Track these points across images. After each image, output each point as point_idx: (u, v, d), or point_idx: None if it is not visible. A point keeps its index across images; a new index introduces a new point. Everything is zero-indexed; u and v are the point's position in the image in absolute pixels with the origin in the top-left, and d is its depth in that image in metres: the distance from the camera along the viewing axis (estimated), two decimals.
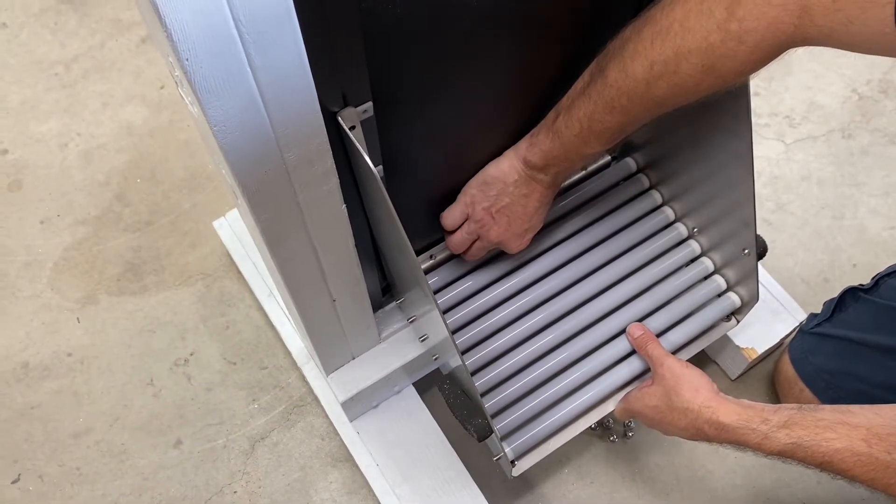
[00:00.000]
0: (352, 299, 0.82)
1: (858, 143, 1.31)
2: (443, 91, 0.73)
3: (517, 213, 0.86)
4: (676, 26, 0.65)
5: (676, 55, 0.65)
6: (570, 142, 0.77)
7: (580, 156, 0.79)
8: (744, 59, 0.63)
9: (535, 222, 0.89)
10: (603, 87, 0.72)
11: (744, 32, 0.62)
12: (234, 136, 0.52)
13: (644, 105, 0.71)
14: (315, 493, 1.04)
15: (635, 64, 0.68)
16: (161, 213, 1.25)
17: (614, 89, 0.71)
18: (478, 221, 0.87)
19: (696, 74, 0.66)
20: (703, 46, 0.64)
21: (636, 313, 0.96)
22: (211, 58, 0.46)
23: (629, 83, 0.69)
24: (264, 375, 1.13)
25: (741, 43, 0.62)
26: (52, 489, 1.05)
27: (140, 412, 1.10)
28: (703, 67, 0.65)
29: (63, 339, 1.16)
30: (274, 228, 0.64)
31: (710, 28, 0.63)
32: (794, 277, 1.19)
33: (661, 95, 0.69)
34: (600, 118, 0.73)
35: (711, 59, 0.64)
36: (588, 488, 1.04)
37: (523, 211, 0.86)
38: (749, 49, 0.62)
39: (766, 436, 0.73)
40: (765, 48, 0.62)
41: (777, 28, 0.61)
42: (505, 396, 0.91)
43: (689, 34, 0.64)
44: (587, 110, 0.74)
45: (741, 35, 0.62)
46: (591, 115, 0.74)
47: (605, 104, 0.72)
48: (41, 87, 1.38)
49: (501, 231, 0.87)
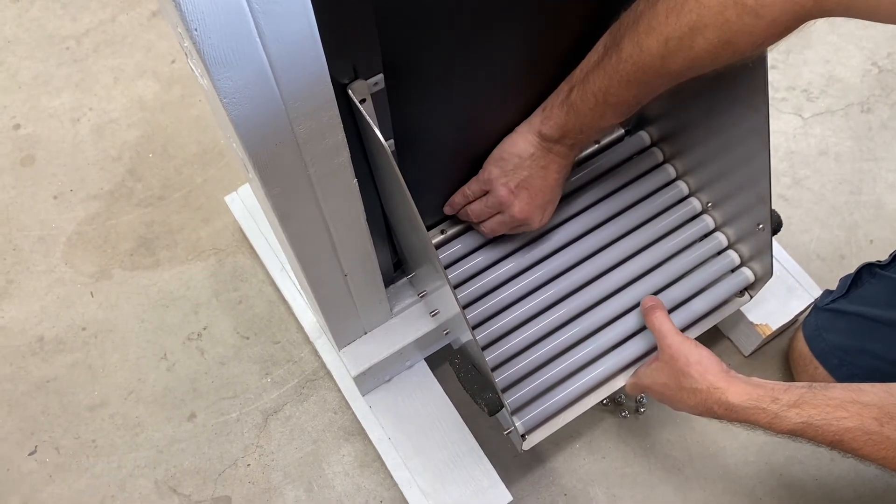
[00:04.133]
0: (363, 274, 0.82)
1: (878, 118, 1.29)
2: (455, 62, 0.72)
3: (537, 186, 0.85)
4: (692, 1, 0.63)
5: (692, 30, 0.64)
6: (586, 115, 0.76)
7: (596, 128, 0.78)
8: (761, 34, 0.62)
9: (555, 194, 0.88)
10: (618, 61, 0.71)
11: (760, 6, 0.60)
12: (244, 109, 0.51)
13: (660, 78, 0.70)
14: (328, 467, 1.05)
15: (650, 39, 0.67)
16: (173, 188, 1.26)
17: (629, 63, 0.70)
18: (498, 198, 0.87)
19: (712, 49, 0.65)
20: (720, 21, 0.62)
21: (648, 288, 0.95)
22: (220, 28, 0.45)
23: (644, 58, 0.68)
24: (277, 350, 1.13)
25: (758, 18, 0.61)
26: (69, 461, 1.07)
27: (154, 386, 1.11)
28: (719, 42, 0.64)
29: (77, 314, 1.17)
30: (285, 202, 0.64)
31: (725, 3, 0.61)
32: (810, 253, 1.18)
33: (676, 69, 0.68)
34: (616, 92, 0.73)
35: (728, 34, 0.63)
36: (599, 463, 1.04)
37: (543, 183, 0.85)
38: (767, 23, 0.61)
39: (776, 415, 0.72)
40: (783, 22, 0.61)
41: (795, 0, 0.59)
42: (516, 371, 0.91)
43: (704, 9, 0.63)
44: (602, 84, 0.73)
45: (758, 9, 0.60)
46: (606, 88, 0.73)
47: (621, 78, 0.71)
48: (53, 62, 1.37)
49: (524, 206, 0.86)
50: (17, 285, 1.19)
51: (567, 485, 1.03)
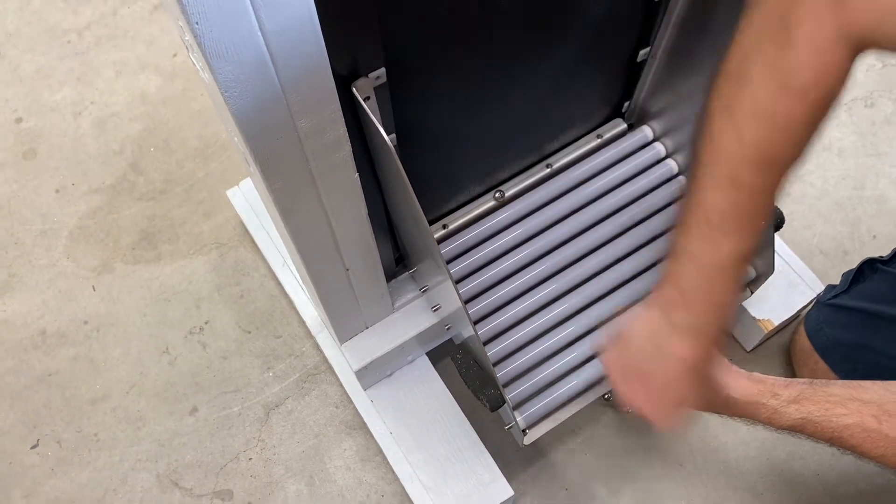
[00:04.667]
0: (365, 269, 0.82)
1: (881, 113, 1.28)
2: (457, 55, 0.72)
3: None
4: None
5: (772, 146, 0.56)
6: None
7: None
8: (816, 106, 0.55)
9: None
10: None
11: (805, 92, 0.54)
12: (245, 102, 0.51)
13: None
14: (329, 461, 1.05)
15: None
16: (175, 182, 1.25)
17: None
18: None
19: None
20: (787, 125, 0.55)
21: (649, 283, 0.95)
22: (221, 21, 0.45)
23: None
24: (279, 344, 1.13)
25: (805, 103, 0.54)
26: (71, 454, 1.07)
27: (156, 380, 1.11)
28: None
29: (79, 307, 1.17)
30: (287, 197, 0.64)
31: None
32: (813, 249, 1.18)
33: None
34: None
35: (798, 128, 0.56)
36: (601, 458, 1.04)
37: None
38: (812, 103, 0.55)
39: (776, 410, 0.72)
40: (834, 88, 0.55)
41: (832, 75, 0.54)
42: (517, 366, 0.91)
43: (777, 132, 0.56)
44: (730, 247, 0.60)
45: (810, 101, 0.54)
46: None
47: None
48: (55, 56, 1.37)
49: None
50: (20, 279, 1.19)
51: (568, 479, 1.03)
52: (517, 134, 0.93)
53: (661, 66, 0.93)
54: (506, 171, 0.99)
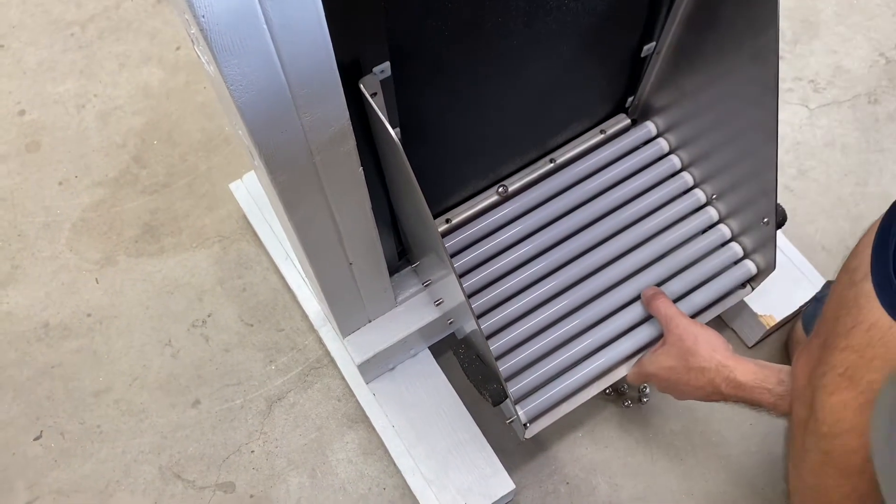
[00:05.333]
0: (368, 262, 0.82)
1: (885, 109, 1.28)
2: (461, 51, 0.72)
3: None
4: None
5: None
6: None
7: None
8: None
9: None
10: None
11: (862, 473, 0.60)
12: (250, 96, 0.51)
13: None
14: (331, 454, 1.06)
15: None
16: (178, 176, 1.26)
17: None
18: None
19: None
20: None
21: (651, 279, 0.95)
22: (227, 14, 0.45)
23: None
24: (281, 337, 1.13)
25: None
26: (74, 446, 1.08)
27: (159, 372, 1.12)
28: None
29: (82, 300, 1.17)
30: (291, 190, 0.64)
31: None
32: (815, 245, 1.18)
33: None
34: None
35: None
36: (602, 452, 1.04)
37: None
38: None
39: (780, 396, 0.73)
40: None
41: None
42: (519, 360, 0.91)
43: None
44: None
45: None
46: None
47: None
48: (58, 48, 1.37)
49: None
50: (23, 271, 1.19)
51: (569, 473, 1.03)
52: (520, 128, 0.93)
53: (666, 61, 0.93)
54: (509, 166, 0.99)
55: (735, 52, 0.81)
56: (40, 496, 1.05)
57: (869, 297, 0.56)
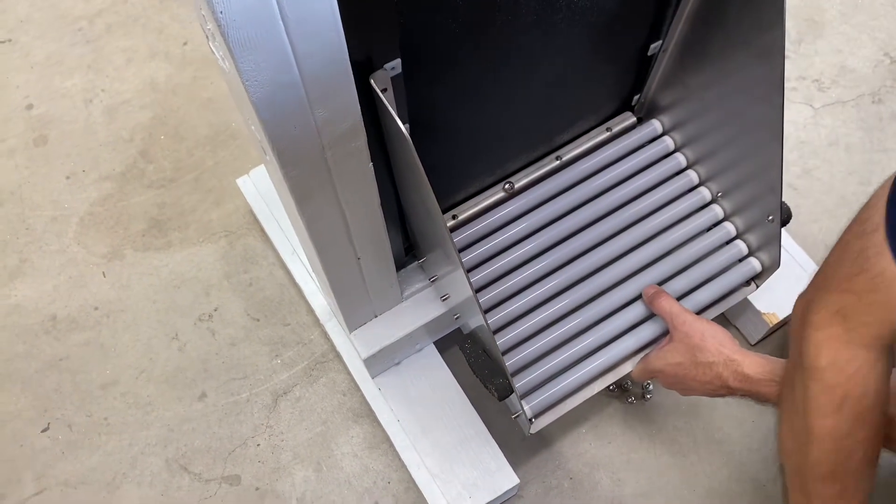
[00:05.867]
0: (376, 257, 0.83)
1: (889, 109, 1.29)
2: (470, 48, 0.73)
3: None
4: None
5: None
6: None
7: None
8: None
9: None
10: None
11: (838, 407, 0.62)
12: (265, 91, 0.52)
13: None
14: (336, 448, 1.06)
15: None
16: (185, 170, 1.26)
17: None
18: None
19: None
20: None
21: (656, 277, 0.96)
22: (244, 10, 0.46)
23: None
24: (287, 332, 1.14)
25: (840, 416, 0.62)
26: (81, 438, 1.08)
27: (165, 365, 1.12)
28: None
29: (90, 293, 1.18)
30: (302, 185, 0.64)
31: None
32: (819, 243, 1.18)
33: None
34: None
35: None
36: (605, 448, 1.05)
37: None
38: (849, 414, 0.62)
39: None
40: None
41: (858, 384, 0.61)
42: (525, 356, 0.92)
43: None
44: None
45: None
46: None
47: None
48: (66, 42, 1.38)
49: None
50: (31, 264, 1.20)
51: (573, 469, 1.04)
52: (527, 125, 0.94)
53: (672, 59, 0.93)
54: (515, 163, 1.00)
55: (741, 50, 0.82)
56: (48, 488, 1.06)
57: (878, 247, 0.56)
